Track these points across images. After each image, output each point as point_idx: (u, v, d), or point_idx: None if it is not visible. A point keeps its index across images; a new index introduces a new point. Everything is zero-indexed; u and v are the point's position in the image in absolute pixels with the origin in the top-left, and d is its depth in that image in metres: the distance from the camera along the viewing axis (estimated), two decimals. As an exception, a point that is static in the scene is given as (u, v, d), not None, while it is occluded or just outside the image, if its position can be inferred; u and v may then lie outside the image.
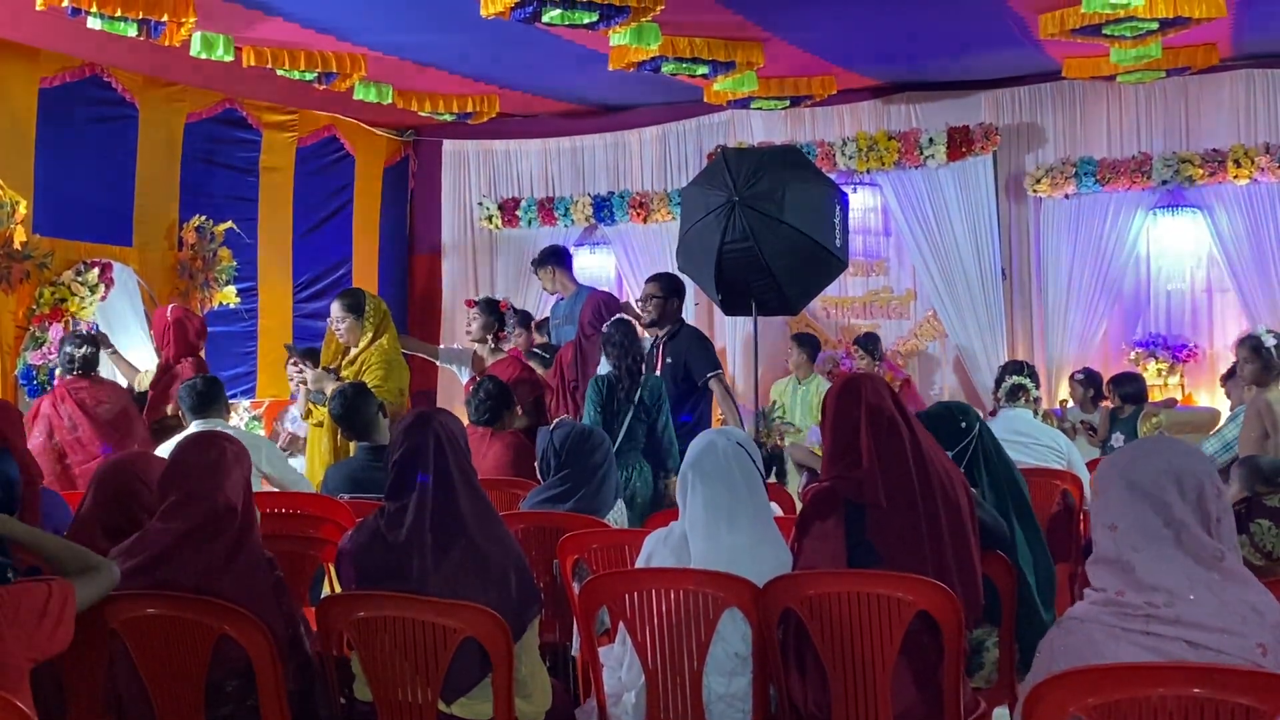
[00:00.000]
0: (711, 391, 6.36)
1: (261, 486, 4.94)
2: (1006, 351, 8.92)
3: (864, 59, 8.48)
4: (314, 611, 3.15)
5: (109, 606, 2.89)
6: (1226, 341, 8.50)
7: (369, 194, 10.55)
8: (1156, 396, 8.31)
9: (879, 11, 7.19)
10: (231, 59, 6.93)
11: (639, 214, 10.00)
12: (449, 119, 9.30)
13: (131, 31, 6.12)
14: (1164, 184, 8.70)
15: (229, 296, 8.76)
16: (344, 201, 10.31)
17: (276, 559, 3.17)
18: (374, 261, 10.58)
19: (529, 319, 7.85)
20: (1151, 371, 8.63)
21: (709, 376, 6.29)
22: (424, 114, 9.11)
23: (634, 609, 3.21)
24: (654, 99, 9.65)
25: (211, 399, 5.35)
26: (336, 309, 6.00)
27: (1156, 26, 6.57)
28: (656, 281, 6.63)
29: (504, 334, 7.19)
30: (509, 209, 10.49)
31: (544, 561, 4.15)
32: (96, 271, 7.58)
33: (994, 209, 9.10)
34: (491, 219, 10.55)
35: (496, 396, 5.70)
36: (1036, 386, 5.95)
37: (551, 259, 7.84)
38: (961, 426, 3.88)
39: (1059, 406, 8.33)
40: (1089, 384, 7.96)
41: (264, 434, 7.93)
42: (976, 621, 3.28)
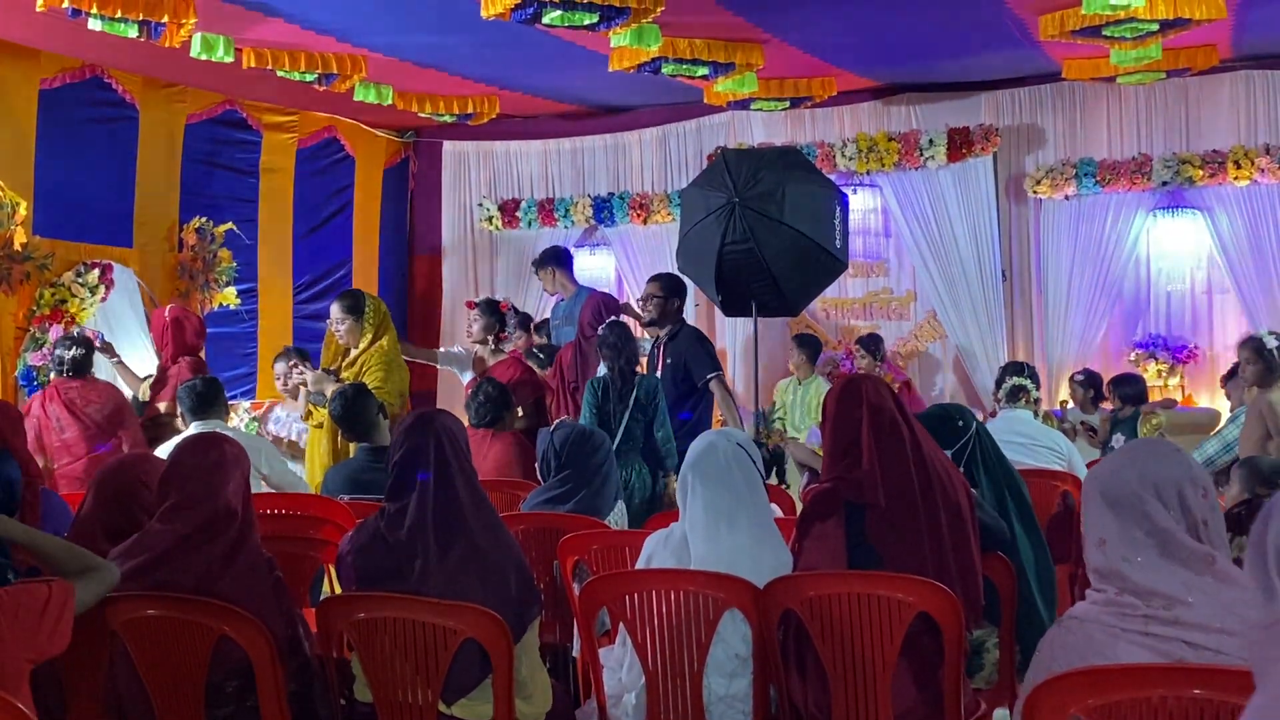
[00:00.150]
0: (712, 392, 6.37)
1: (261, 488, 4.94)
2: (1007, 353, 8.91)
3: (864, 60, 8.48)
4: (314, 612, 3.15)
5: (109, 607, 2.89)
6: (1226, 342, 8.50)
7: (369, 195, 10.54)
8: (1156, 398, 8.31)
9: (879, 13, 7.19)
10: (232, 60, 6.94)
11: (639, 215, 10.00)
12: (449, 120, 9.30)
13: (132, 33, 6.13)
14: (1164, 185, 8.70)
15: (229, 298, 8.75)
16: (344, 203, 10.31)
17: (276, 560, 3.17)
18: (374, 263, 10.58)
19: (529, 321, 7.85)
20: (1151, 372, 8.62)
21: (709, 378, 6.29)
22: (424, 115, 9.11)
23: (634, 610, 3.21)
24: (654, 100, 9.65)
25: (211, 400, 5.35)
26: (336, 310, 6.00)
27: (1157, 28, 6.57)
28: (658, 281, 6.64)
29: (505, 335, 7.19)
30: (509, 210, 10.49)
31: (544, 562, 4.15)
32: (97, 273, 7.57)
33: (994, 210, 9.10)
34: (492, 220, 10.55)
35: (496, 398, 5.71)
36: (1037, 387, 5.94)
37: (552, 260, 7.85)
38: (959, 426, 3.88)
39: (1059, 408, 8.32)
40: (1089, 385, 7.95)
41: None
42: (977, 622, 3.28)
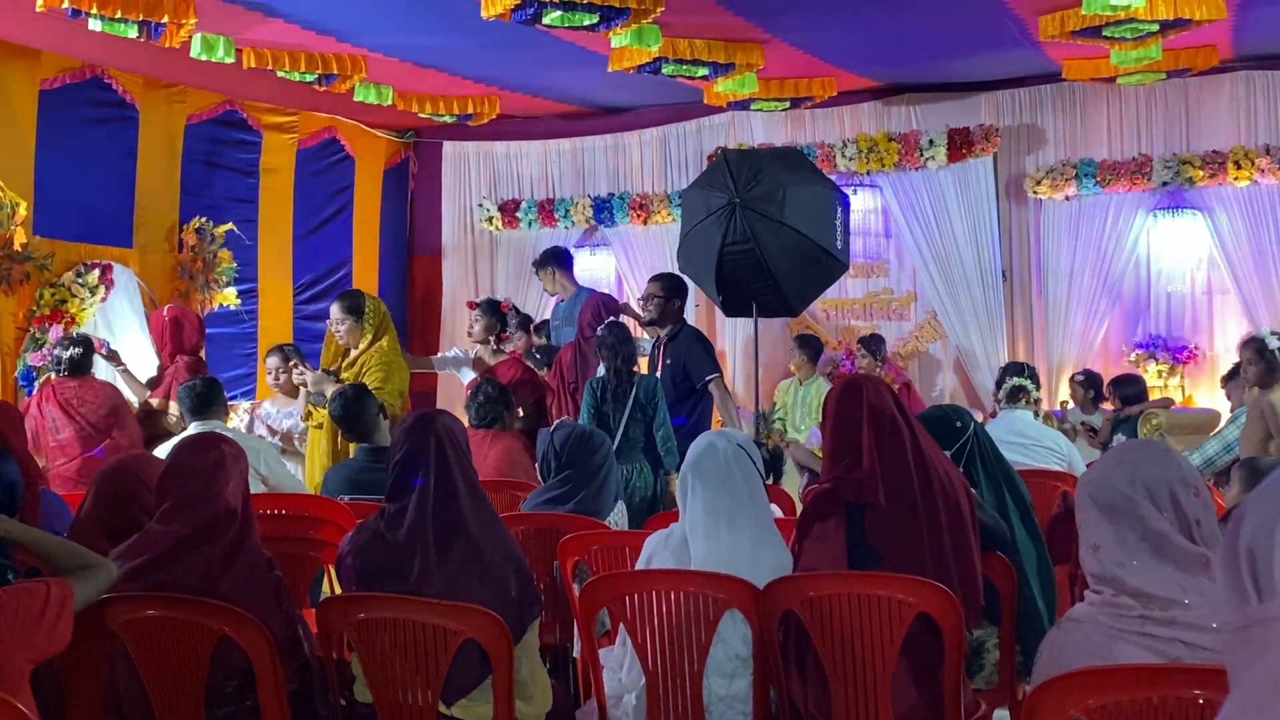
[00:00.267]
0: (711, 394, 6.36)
1: (260, 488, 4.94)
2: (1007, 353, 8.91)
3: (864, 60, 8.48)
4: (314, 613, 3.15)
5: (109, 608, 2.89)
6: (1227, 343, 8.50)
7: (369, 195, 10.54)
8: (1155, 398, 8.30)
9: (879, 13, 7.19)
10: (232, 60, 6.93)
11: (639, 215, 10.00)
12: (449, 120, 9.29)
13: (132, 33, 6.12)
14: (1164, 185, 8.70)
15: (229, 298, 8.75)
16: (344, 203, 10.31)
17: (276, 560, 3.17)
18: (374, 263, 10.58)
19: (529, 322, 7.85)
20: (1151, 373, 8.62)
21: (708, 379, 6.29)
22: (424, 115, 9.11)
23: (634, 610, 3.21)
24: (654, 101, 9.65)
25: (210, 400, 5.35)
26: (336, 311, 6.00)
27: (1157, 28, 6.57)
28: (659, 281, 6.64)
29: (506, 335, 7.19)
30: (509, 210, 10.49)
31: (544, 563, 4.14)
32: (97, 273, 7.56)
33: (994, 211, 9.10)
34: (492, 220, 10.55)
35: (496, 399, 5.70)
36: (1037, 388, 5.94)
37: (552, 260, 7.85)
38: (957, 426, 3.87)
39: (1059, 408, 8.32)
40: (1089, 385, 7.95)
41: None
42: (977, 623, 3.28)
